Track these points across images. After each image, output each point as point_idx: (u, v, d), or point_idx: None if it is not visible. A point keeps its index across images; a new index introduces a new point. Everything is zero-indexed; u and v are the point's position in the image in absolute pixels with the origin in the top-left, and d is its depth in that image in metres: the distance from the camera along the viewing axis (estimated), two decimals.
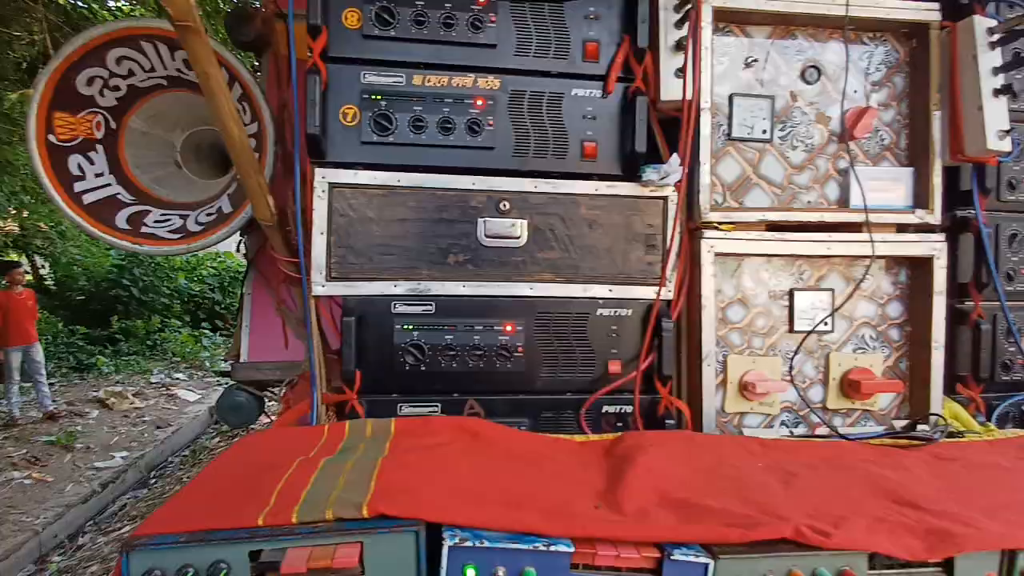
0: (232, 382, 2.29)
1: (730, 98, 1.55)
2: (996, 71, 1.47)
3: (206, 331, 11.32)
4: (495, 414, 1.46)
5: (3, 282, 6.71)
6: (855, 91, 1.60)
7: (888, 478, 1.08)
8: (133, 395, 8.14)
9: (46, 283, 11.06)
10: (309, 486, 0.85)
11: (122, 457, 5.95)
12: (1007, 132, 1.46)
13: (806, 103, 1.58)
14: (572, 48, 1.48)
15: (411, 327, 1.44)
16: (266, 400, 2.65)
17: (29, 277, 10.32)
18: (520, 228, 1.47)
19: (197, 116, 2.11)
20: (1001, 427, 1.59)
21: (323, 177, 1.40)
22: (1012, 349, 1.60)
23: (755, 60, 1.55)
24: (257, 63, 3.68)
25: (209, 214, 2.03)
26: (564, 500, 0.93)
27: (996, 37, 1.48)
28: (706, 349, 1.49)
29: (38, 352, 6.50)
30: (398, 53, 1.42)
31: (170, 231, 1.99)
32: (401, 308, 1.43)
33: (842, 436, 1.43)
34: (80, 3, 5.97)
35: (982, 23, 1.49)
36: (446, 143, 1.43)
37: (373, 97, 1.41)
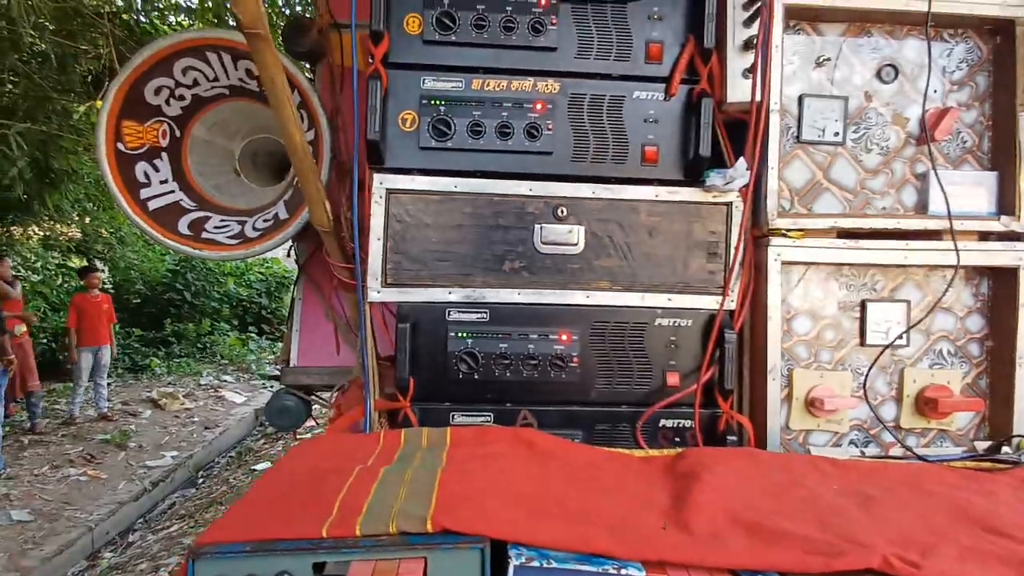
0: (281, 386, 2.32)
1: (800, 99, 1.48)
2: None
3: (253, 335, 11.66)
4: (548, 425, 1.42)
5: (81, 285, 7.02)
6: (935, 91, 1.51)
7: (975, 504, 1.00)
8: (184, 396, 8.44)
9: (105, 286, 11.57)
10: (371, 496, 0.84)
11: (172, 456, 6.15)
12: None
13: (882, 104, 1.50)
14: (634, 49, 1.44)
15: (465, 335, 1.41)
16: (313, 405, 2.68)
17: (104, 276, 10.83)
18: (577, 235, 1.44)
19: (255, 124, 2.16)
20: None
21: (381, 183, 1.40)
22: None
23: (827, 59, 1.48)
24: (312, 73, 3.76)
25: (266, 220, 2.07)
26: (629, 518, 0.88)
27: None
28: (771, 362, 1.42)
29: (106, 355, 6.77)
30: (458, 58, 1.41)
31: (229, 236, 2.04)
32: (456, 315, 1.42)
33: (920, 457, 1.33)
34: (143, 19, 6.25)
35: None
36: (504, 148, 1.41)
37: (432, 102, 1.40)
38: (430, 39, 1.40)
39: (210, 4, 5.87)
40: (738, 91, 1.40)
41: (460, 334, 1.41)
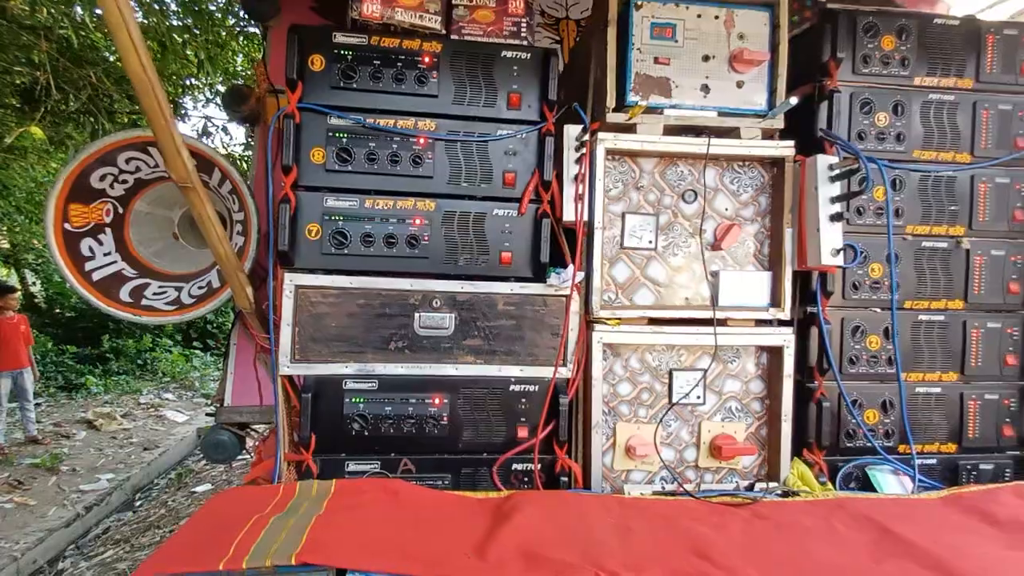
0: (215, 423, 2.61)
1: (623, 215, 1.93)
2: (833, 200, 1.86)
3: (197, 351, 11.53)
4: (424, 469, 1.81)
5: None
6: (726, 209, 1.98)
7: (703, 534, 1.44)
8: (121, 416, 8.34)
9: (36, 300, 11.26)
10: (258, 539, 1.19)
11: (107, 479, 6.08)
12: (839, 250, 1.85)
13: (685, 219, 1.97)
14: (494, 177, 1.86)
15: (358, 400, 1.79)
16: (247, 438, 2.99)
17: (36, 289, 10.49)
18: (449, 320, 1.83)
19: None
20: (845, 485, 1.95)
21: (291, 281, 1.76)
22: (854, 421, 1.96)
23: (641, 184, 1.93)
24: (252, 134, 4.14)
25: (200, 287, 2.38)
26: (447, 551, 1.27)
27: (834, 173, 1.87)
28: (595, 420, 1.85)
29: (27, 379, 6.60)
30: (353, 182, 1.80)
31: (166, 303, 2.34)
32: (350, 385, 1.79)
33: (688, 493, 1.78)
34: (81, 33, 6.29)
35: (824, 160, 1.89)
36: (390, 254, 1.80)
37: (332, 217, 1.78)
38: (331, 168, 1.78)
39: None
40: (571, 212, 1.83)
41: (354, 399, 1.79)
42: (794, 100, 1.81)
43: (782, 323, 1.96)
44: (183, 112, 8.03)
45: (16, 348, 6.48)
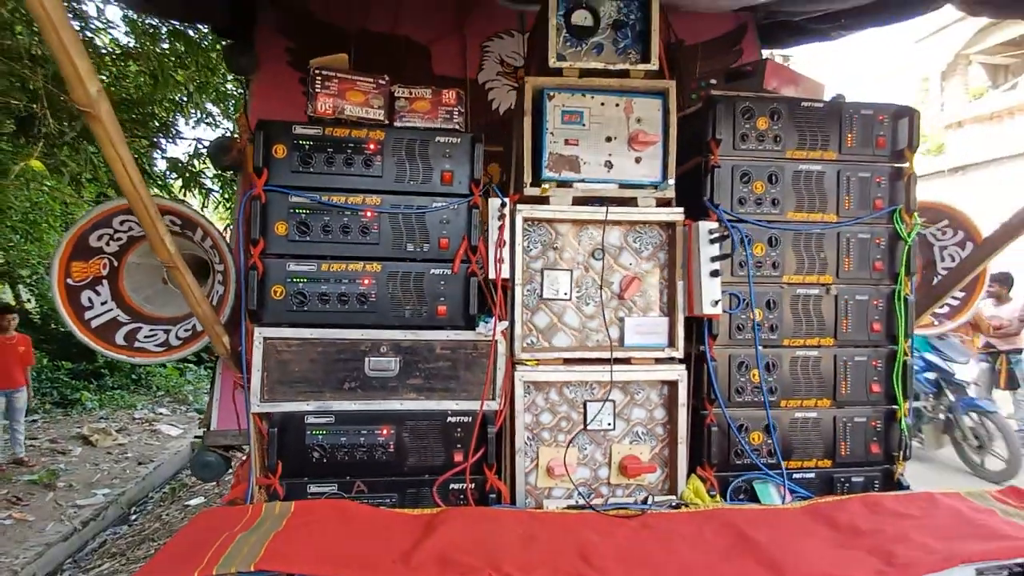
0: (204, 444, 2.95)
1: (542, 271, 2.29)
2: (712, 259, 2.23)
3: (191, 364, 11.75)
4: (375, 490, 2.16)
5: None
6: (630, 264, 2.35)
7: (592, 541, 1.79)
8: (116, 431, 8.60)
9: (31, 316, 11.46)
10: (227, 551, 1.53)
11: (103, 494, 6.30)
12: (718, 301, 2.21)
13: (595, 273, 2.33)
14: (431, 242, 2.21)
15: (318, 432, 2.14)
16: (232, 458, 3.33)
17: (31, 306, 10.65)
18: (394, 363, 2.19)
19: (180, 246, 2.80)
20: (735, 497, 2.31)
21: (260, 333, 2.11)
22: (740, 442, 2.32)
23: (557, 245, 2.30)
24: (234, 179, 4.54)
25: (186, 330, 2.73)
26: (379, 557, 1.62)
27: (712, 237, 2.23)
28: (518, 445, 2.21)
29: (21, 398, 6.70)
30: (312, 249, 2.15)
31: (156, 345, 2.68)
32: (311, 420, 2.14)
33: (592, 507, 2.13)
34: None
35: (705, 226, 2.25)
36: (343, 310, 2.15)
37: (294, 280, 2.13)
38: (292, 239, 2.13)
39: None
40: (494, 271, 2.19)
41: (314, 432, 2.13)
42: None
43: (677, 360, 2.32)
44: (174, 133, 8.32)
45: (10, 368, 6.59)
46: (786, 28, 4.19)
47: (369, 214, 2.17)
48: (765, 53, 4.46)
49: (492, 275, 2.19)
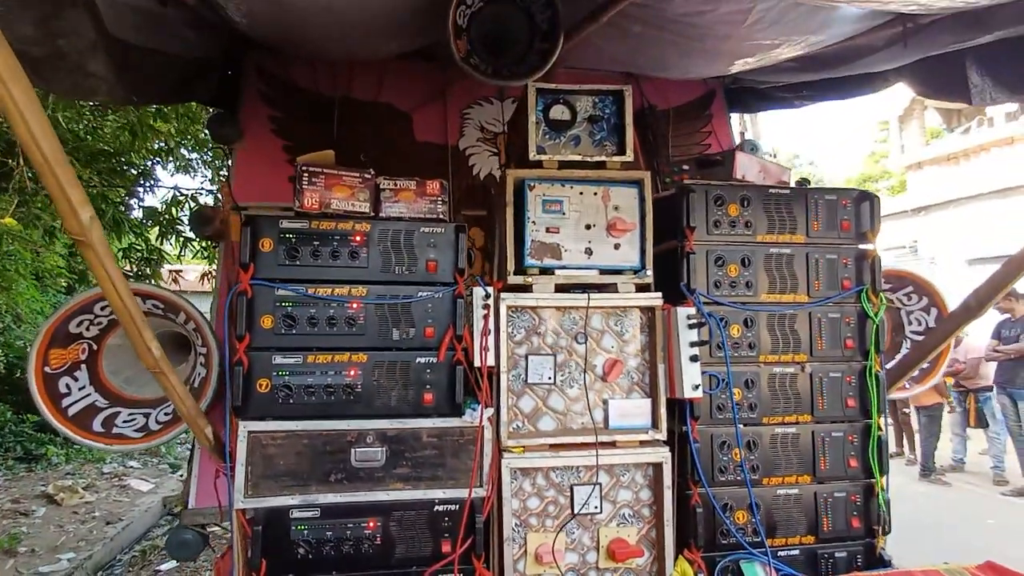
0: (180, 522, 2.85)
1: (526, 356, 2.33)
2: (691, 344, 2.29)
3: None
4: None
5: None
6: (612, 347, 2.40)
7: None
8: (83, 488, 8.23)
9: None
10: None
11: (68, 559, 5.99)
12: (698, 385, 2.27)
13: (579, 357, 2.37)
14: (417, 330, 2.24)
15: (303, 527, 2.11)
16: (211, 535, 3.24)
17: None
18: (381, 454, 2.19)
19: (161, 325, 2.77)
20: None
21: (244, 427, 2.09)
22: (725, 522, 2.35)
23: (540, 330, 2.34)
24: (216, 247, 4.54)
25: (167, 413, 2.68)
26: None
27: (691, 322, 2.30)
28: (506, 534, 2.21)
29: None
30: (297, 342, 2.16)
31: (135, 430, 2.64)
32: (296, 514, 2.11)
33: None
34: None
35: (683, 312, 2.32)
36: (329, 401, 2.16)
37: (280, 373, 2.13)
38: (278, 331, 2.14)
39: None
40: (480, 359, 2.22)
41: (298, 527, 2.11)
42: None
43: (661, 442, 2.36)
44: (153, 182, 8.25)
45: None
46: (752, 94, 4.40)
47: (355, 305, 2.20)
48: (734, 117, 4.66)
49: (478, 363, 2.22)
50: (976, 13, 2.59)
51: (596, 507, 2.32)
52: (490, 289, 2.26)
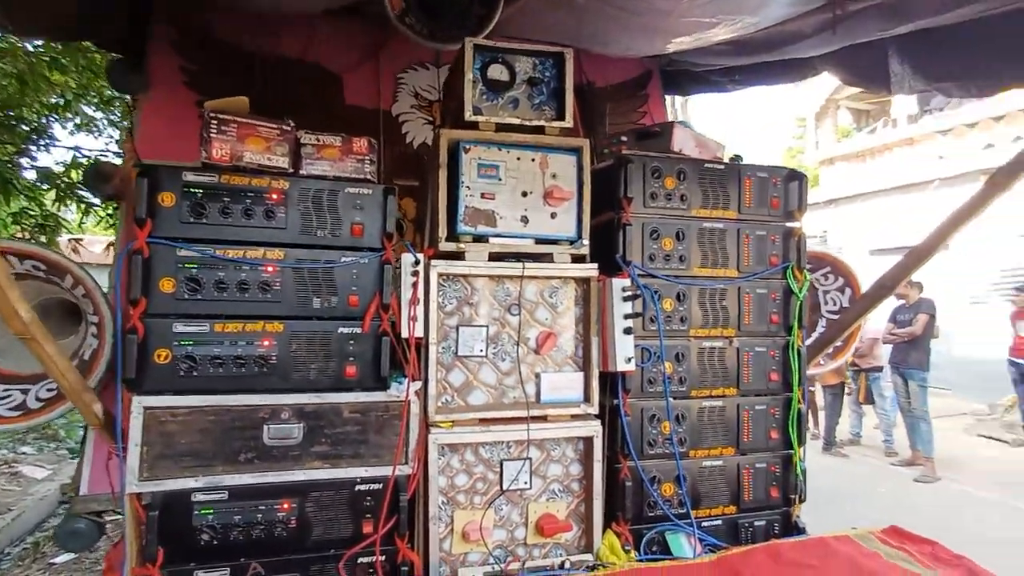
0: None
1: (457, 328, 2.22)
2: (625, 317, 2.26)
3: None
4: (274, 571, 1.97)
5: None
6: (546, 319, 2.34)
7: None
8: None
9: None
10: None
11: None
12: (631, 358, 2.25)
13: (512, 329, 2.29)
14: (339, 299, 2.08)
15: (207, 511, 1.92)
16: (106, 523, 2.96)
17: None
18: (297, 430, 2.02)
19: (45, 291, 2.46)
20: (648, 549, 2.32)
21: (139, 403, 1.87)
22: (652, 494, 2.36)
23: (472, 301, 2.24)
24: (116, 207, 4.12)
25: (50, 389, 2.40)
26: None
27: (626, 295, 2.27)
28: (432, 512, 2.11)
29: None
30: (204, 308, 1.95)
31: (10, 408, 2.34)
32: (200, 497, 1.92)
33: (507, 574, 2.09)
34: None
35: (618, 283, 2.29)
36: (239, 374, 1.97)
37: (182, 342, 1.92)
38: (180, 297, 1.92)
39: None
40: (408, 330, 2.10)
41: (202, 511, 1.92)
42: None
43: (593, 416, 2.33)
44: (48, 140, 7.46)
45: None
46: (687, 77, 4.45)
47: (270, 269, 2.01)
48: (668, 98, 4.70)
49: (405, 334, 2.09)
50: (898, 2, 2.68)
51: (526, 483, 2.26)
52: (420, 256, 2.13)
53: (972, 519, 5.32)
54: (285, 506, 2.00)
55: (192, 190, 1.95)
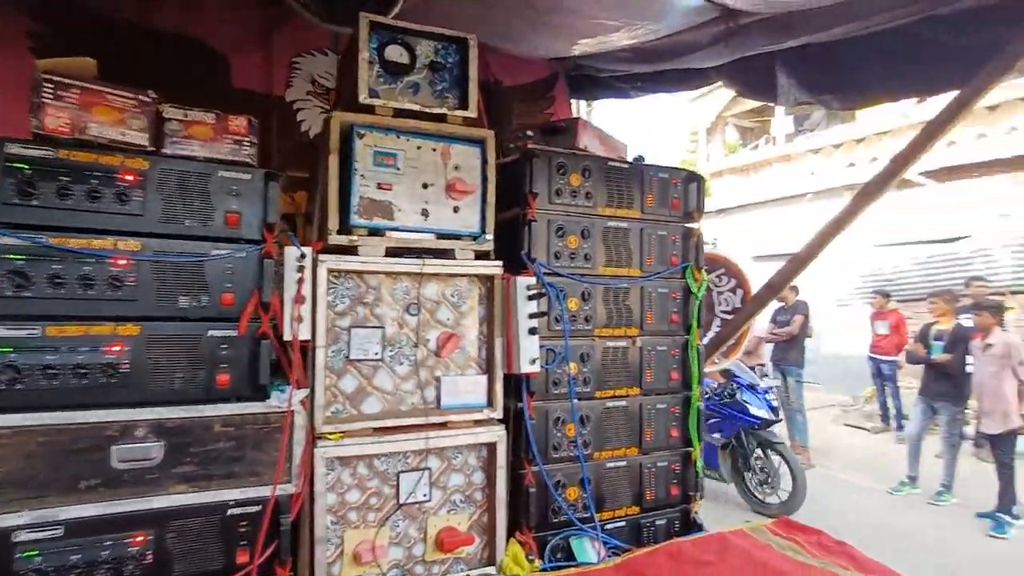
0: None
1: (350, 329, 2.03)
2: (530, 316, 2.17)
3: None
4: None
5: None
6: (448, 319, 2.20)
7: None
8: None
9: None
10: None
11: None
12: (536, 359, 2.16)
13: (410, 330, 2.13)
14: (211, 297, 1.82)
15: (34, 552, 1.59)
16: None
17: None
18: (156, 450, 1.74)
19: None
20: (552, 556, 2.24)
21: None
22: (556, 499, 2.29)
23: (367, 300, 2.06)
24: None
25: None
26: None
27: (531, 293, 2.18)
28: (318, 534, 1.90)
29: None
30: (32, 308, 1.62)
31: None
32: (24, 536, 1.59)
33: None
34: None
35: (523, 281, 2.20)
36: (79, 386, 1.65)
37: (1, 350, 1.58)
38: (1, 294, 1.59)
39: None
40: (291, 331, 1.88)
41: (27, 552, 1.59)
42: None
43: (496, 421, 2.22)
44: None
45: None
46: (592, 82, 4.51)
47: (123, 262, 1.72)
48: (573, 103, 4.74)
49: (288, 336, 1.87)
50: (786, 18, 2.82)
51: (425, 495, 2.11)
52: (307, 250, 1.92)
53: (846, 505, 5.79)
54: (139, 539, 1.71)
55: (17, 165, 1.62)
